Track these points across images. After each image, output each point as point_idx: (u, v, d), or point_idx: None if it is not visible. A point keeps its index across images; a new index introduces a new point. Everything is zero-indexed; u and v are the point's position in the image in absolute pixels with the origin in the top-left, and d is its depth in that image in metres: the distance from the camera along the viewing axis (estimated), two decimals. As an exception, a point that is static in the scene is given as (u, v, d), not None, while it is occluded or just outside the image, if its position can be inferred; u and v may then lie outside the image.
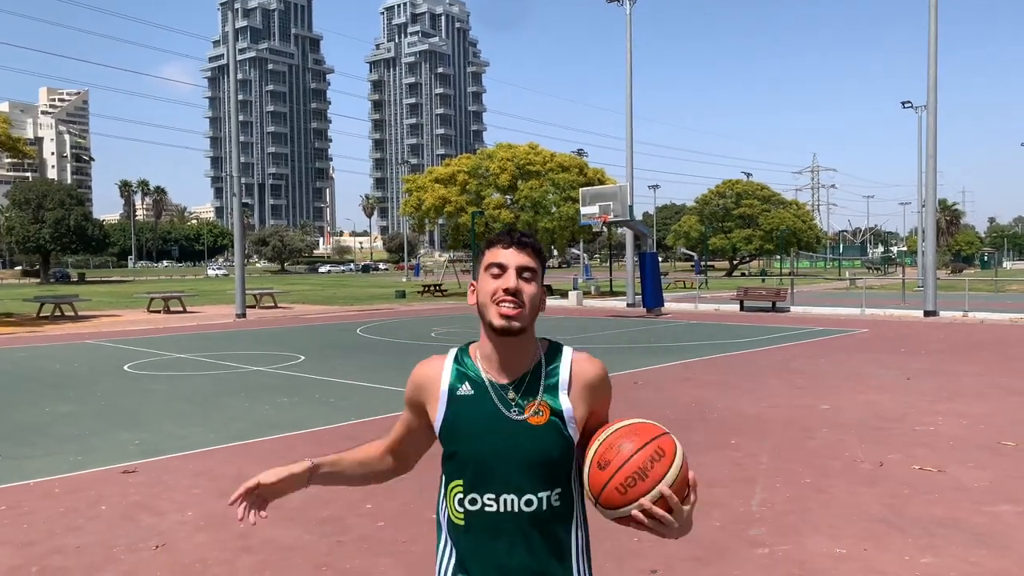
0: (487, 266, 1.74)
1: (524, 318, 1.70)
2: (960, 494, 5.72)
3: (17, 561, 4.59)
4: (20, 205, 61.23)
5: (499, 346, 1.74)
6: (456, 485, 1.74)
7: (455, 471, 1.75)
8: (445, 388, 1.78)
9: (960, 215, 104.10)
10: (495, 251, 1.75)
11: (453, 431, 1.75)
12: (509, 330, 1.69)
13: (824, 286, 44.15)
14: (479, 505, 1.72)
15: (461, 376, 1.78)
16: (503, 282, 1.70)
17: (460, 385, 1.77)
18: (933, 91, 22.20)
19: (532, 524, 1.71)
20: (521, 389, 1.74)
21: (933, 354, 13.94)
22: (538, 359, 1.78)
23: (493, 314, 1.70)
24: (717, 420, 8.41)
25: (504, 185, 37.90)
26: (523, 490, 1.71)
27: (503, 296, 1.69)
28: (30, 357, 15.01)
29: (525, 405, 1.72)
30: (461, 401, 1.75)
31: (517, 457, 1.71)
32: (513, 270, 1.71)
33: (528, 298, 1.71)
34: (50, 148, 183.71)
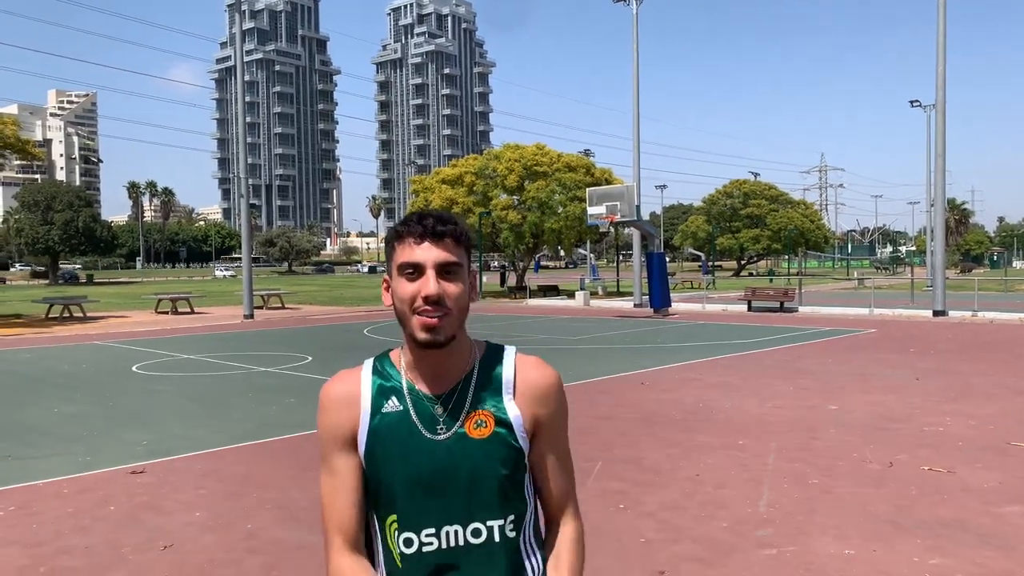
0: (400, 266, 1.45)
1: (450, 326, 1.43)
2: (968, 495, 5.69)
3: (25, 561, 4.61)
4: (29, 207, 61.55)
5: (423, 356, 1.48)
6: (392, 520, 1.47)
7: (386, 505, 1.47)
8: (367, 405, 1.49)
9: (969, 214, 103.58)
10: (406, 247, 1.44)
11: (379, 457, 1.46)
12: (435, 343, 1.43)
13: (832, 286, 44.01)
14: (415, 546, 1.44)
15: (384, 390, 1.50)
16: (421, 286, 1.42)
17: (385, 400, 1.49)
18: (942, 90, 22.11)
19: (483, 560, 1.45)
20: (452, 401, 1.48)
21: (942, 354, 13.88)
22: (472, 364, 1.52)
23: (414, 326, 1.43)
24: (724, 420, 8.39)
25: (511, 186, 37.89)
26: (469, 519, 1.44)
27: (423, 306, 1.41)
28: (38, 358, 15.08)
29: (462, 418, 1.47)
30: (386, 419, 1.47)
31: (459, 479, 1.44)
32: (431, 270, 1.42)
33: (453, 300, 1.43)
34: (59, 150, 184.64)
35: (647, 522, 5.19)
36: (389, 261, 1.49)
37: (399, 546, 1.45)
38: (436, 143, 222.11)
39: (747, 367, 12.57)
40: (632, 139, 28.59)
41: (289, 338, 18.55)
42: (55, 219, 60.36)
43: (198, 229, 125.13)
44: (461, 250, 1.46)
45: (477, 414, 1.47)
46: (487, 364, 1.53)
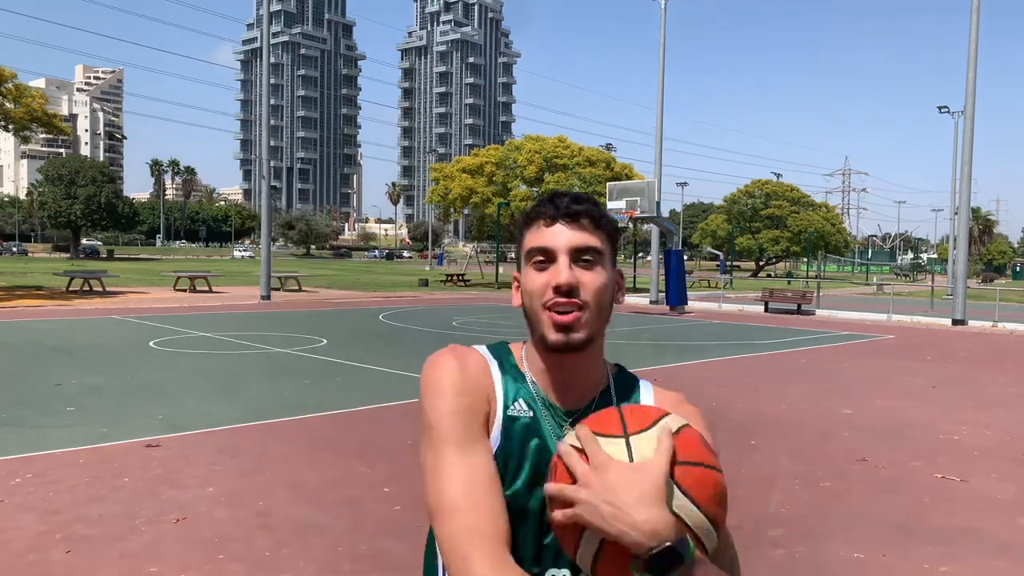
0: (528, 252, 1.22)
1: (588, 324, 1.18)
2: (982, 504, 5.64)
3: (42, 527, 4.69)
4: (53, 181, 62.21)
5: (556, 363, 1.22)
6: None
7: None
8: (500, 399, 1.22)
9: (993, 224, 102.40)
10: (537, 229, 1.22)
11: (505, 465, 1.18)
12: (568, 345, 1.17)
13: (851, 290, 43.66)
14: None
15: (512, 386, 1.23)
16: (552, 275, 1.18)
17: (514, 401, 1.22)
18: (971, 96, 21.82)
19: None
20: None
21: (960, 363, 13.74)
22: (607, 382, 1.27)
23: (546, 326, 1.18)
24: (737, 420, 8.36)
25: (531, 177, 37.87)
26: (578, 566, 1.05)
27: (554, 298, 1.17)
28: (59, 329, 15.27)
29: None
30: (514, 425, 1.20)
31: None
32: (565, 255, 1.18)
33: (592, 293, 1.18)
34: (84, 125, 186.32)
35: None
36: (519, 252, 1.26)
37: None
38: (458, 132, 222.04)
39: (762, 368, 12.51)
40: (655, 135, 28.46)
41: (305, 320, 18.66)
42: (78, 194, 60.97)
43: (218, 209, 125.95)
44: (602, 235, 1.22)
45: None
46: (622, 382, 1.30)
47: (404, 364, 11.68)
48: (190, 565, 4.23)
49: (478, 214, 40.34)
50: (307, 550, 4.49)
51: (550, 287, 1.17)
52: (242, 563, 4.29)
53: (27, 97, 24.09)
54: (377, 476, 5.98)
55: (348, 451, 6.70)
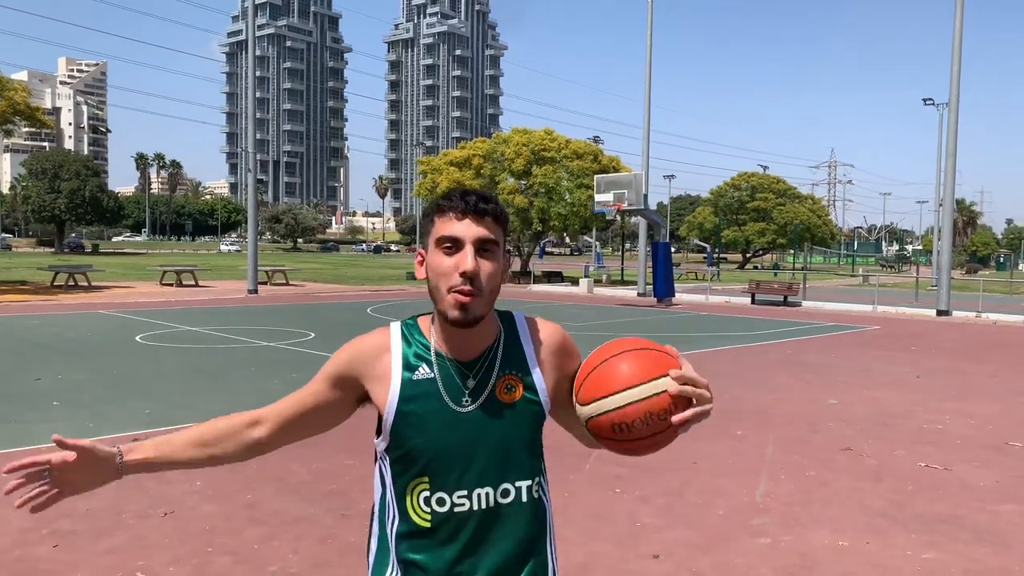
0: (439, 239, 1.46)
1: (482, 306, 1.45)
2: (964, 492, 5.72)
3: (27, 524, 4.67)
4: (36, 175, 61.67)
5: (455, 331, 1.51)
6: (419, 483, 1.52)
7: (415, 468, 1.52)
8: (398, 370, 1.53)
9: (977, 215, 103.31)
10: (447, 220, 1.46)
11: (411, 423, 1.50)
12: (465, 324, 1.46)
13: (837, 282, 43.95)
14: (448, 505, 1.50)
15: (415, 356, 1.54)
16: (458, 262, 1.43)
17: (416, 367, 1.52)
18: (956, 88, 21.97)
19: (509, 518, 1.52)
20: (481, 369, 1.52)
21: (944, 353, 13.88)
22: (499, 332, 1.57)
23: (448, 304, 1.45)
24: (723, 411, 8.41)
25: (519, 170, 37.82)
26: (500, 480, 1.51)
27: (460, 284, 1.43)
28: (44, 325, 15.16)
29: (492, 385, 1.52)
30: (417, 387, 1.51)
31: (491, 444, 1.50)
32: (470, 245, 1.44)
33: (487, 279, 1.45)
34: (67, 119, 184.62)
35: (643, 507, 5.23)
36: (426, 234, 1.52)
37: (431, 505, 1.51)
38: (445, 125, 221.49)
39: (748, 359, 12.59)
40: (642, 127, 28.51)
41: (292, 314, 18.61)
42: (62, 187, 60.46)
43: (204, 203, 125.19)
44: (499, 229, 1.49)
45: (506, 379, 1.53)
46: (507, 331, 1.59)
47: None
48: (178, 558, 4.23)
49: (466, 207, 40.22)
50: (296, 542, 4.50)
51: (457, 272, 1.44)
52: (231, 556, 4.29)
53: (9, 90, 23.84)
54: (364, 468, 5.98)
55: (335, 444, 6.70)
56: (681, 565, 4.30)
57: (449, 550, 1.51)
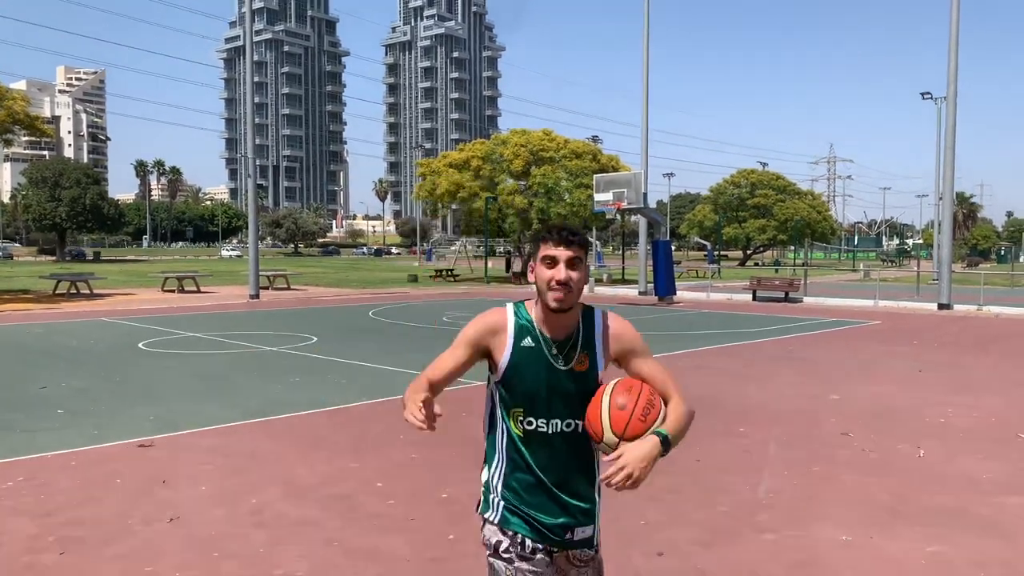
0: (542, 257, 2.17)
1: (572, 301, 2.18)
2: (968, 485, 5.73)
3: (35, 531, 4.69)
4: (37, 183, 61.74)
5: (551, 315, 2.20)
6: (518, 410, 2.25)
7: (517, 401, 2.24)
8: (511, 337, 2.24)
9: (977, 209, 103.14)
10: (548, 247, 2.17)
11: (517, 373, 2.23)
12: (561, 311, 2.17)
13: (838, 277, 43.92)
14: (534, 426, 2.24)
15: (523, 330, 2.24)
16: (555, 273, 2.14)
17: (523, 337, 2.23)
18: (953, 82, 21.96)
19: (571, 441, 2.26)
20: (567, 345, 2.23)
21: (946, 347, 13.88)
22: (578, 321, 2.26)
23: (549, 299, 2.16)
24: (726, 408, 8.43)
25: (518, 171, 37.82)
26: (566, 417, 2.24)
27: (556, 286, 2.14)
28: (47, 333, 15.19)
29: (572, 357, 2.23)
30: (524, 351, 2.22)
31: (563, 394, 2.23)
32: (563, 263, 2.15)
33: (575, 283, 2.16)
34: (67, 127, 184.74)
35: (647, 504, 5.24)
36: (535, 252, 2.22)
37: (523, 425, 2.25)
38: (444, 127, 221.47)
39: (751, 355, 12.60)
40: (641, 126, 28.49)
41: (294, 319, 18.63)
42: (62, 196, 60.51)
43: (205, 209, 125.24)
44: (583, 251, 2.20)
45: (580, 355, 2.24)
46: (586, 322, 2.28)
47: (395, 360, 11.69)
48: (185, 564, 4.24)
49: (466, 209, 40.26)
50: (301, 546, 4.52)
51: (554, 279, 2.15)
52: (236, 560, 4.31)
53: (8, 99, 23.86)
54: (369, 472, 6.00)
55: (340, 448, 6.72)
56: (686, 562, 4.32)
57: (537, 455, 2.25)
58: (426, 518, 4.95)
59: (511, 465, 2.28)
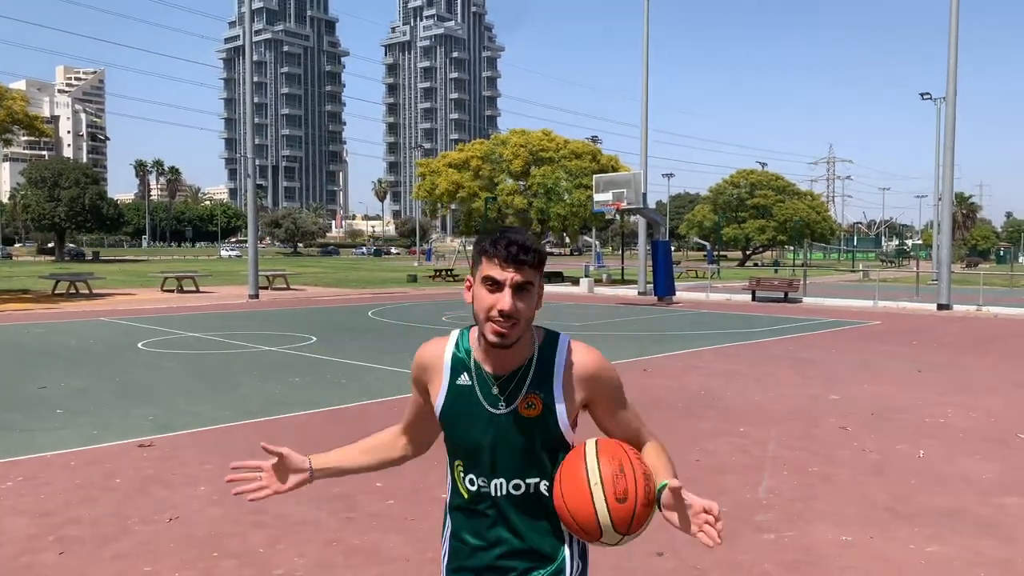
0: (483, 277, 1.70)
1: (516, 334, 1.70)
2: (967, 485, 5.73)
3: (34, 530, 4.69)
4: (36, 183, 61.71)
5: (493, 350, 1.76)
6: (459, 464, 1.85)
7: (457, 453, 1.85)
8: (446, 375, 1.81)
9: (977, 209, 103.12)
10: (491, 265, 1.68)
11: (450, 419, 1.81)
12: (502, 346, 1.71)
13: (837, 278, 43.94)
14: (476, 486, 1.81)
15: (460, 364, 1.81)
16: (498, 301, 1.67)
17: (459, 374, 1.80)
18: (953, 82, 21.98)
19: (521, 506, 1.79)
20: (512, 384, 1.76)
21: (945, 347, 13.89)
22: (532, 353, 1.78)
23: (487, 330, 1.69)
24: (725, 408, 8.43)
25: (517, 171, 37.84)
26: (512, 476, 1.79)
27: (497, 317, 1.67)
28: (46, 333, 15.18)
29: (517, 398, 1.75)
30: (459, 391, 1.80)
31: (508, 446, 1.77)
32: (509, 288, 1.67)
33: (522, 314, 1.69)
34: (66, 127, 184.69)
35: (647, 505, 5.23)
36: (475, 267, 1.74)
37: (465, 482, 1.83)
38: (443, 127, 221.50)
39: (750, 356, 12.60)
40: (641, 126, 28.50)
41: (294, 319, 18.63)
42: (61, 196, 60.49)
43: (204, 209, 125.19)
44: (535, 273, 1.71)
45: (529, 397, 1.76)
46: (544, 352, 1.79)
47: (394, 360, 11.69)
48: (184, 563, 4.24)
49: (465, 209, 40.25)
50: (301, 545, 4.52)
51: (496, 308, 1.67)
52: (236, 560, 4.31)
53: (7, 99, 23.87)
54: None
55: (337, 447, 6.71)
56: (684, 562, 4.32)
57: (480, 522, 1.82)
58: (425, 517, 4.95)
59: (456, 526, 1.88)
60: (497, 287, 1.67)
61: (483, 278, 1.70)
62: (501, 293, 1.67)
